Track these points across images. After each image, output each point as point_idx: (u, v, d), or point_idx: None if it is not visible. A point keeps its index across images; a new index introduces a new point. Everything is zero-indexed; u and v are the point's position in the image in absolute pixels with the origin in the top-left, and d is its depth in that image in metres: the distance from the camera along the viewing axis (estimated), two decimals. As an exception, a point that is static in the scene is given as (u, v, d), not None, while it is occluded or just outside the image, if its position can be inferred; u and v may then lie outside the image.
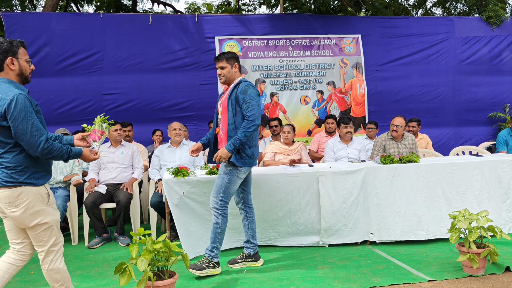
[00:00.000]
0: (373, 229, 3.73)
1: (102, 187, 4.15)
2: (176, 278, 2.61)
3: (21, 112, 2.13)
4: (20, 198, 2.20)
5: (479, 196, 3.96)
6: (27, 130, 2.14)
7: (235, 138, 3.01)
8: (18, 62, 2.28)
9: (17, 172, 2.20)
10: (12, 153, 2.20)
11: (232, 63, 3.20)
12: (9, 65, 2.25)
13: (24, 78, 2.32)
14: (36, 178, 2.25)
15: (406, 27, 6.81)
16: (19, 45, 2.29)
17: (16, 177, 2.19)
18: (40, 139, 2.17)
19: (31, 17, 6.00)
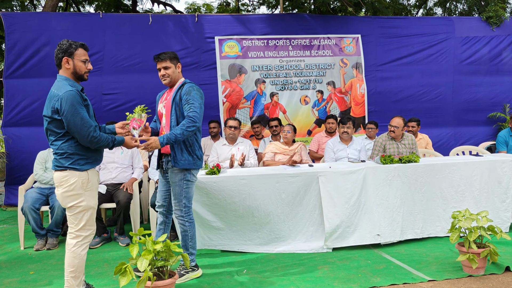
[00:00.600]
0: (379, 230, 3.70)
1: (102, 187, 4.15)
2: (176, 278, 2.61)
3: (71, 107, 2.44)
4: (64, 181, 2.54)
5: (477, 196, 3.97)
6: (78, 123, 2.46)
7: (171, 133, 2.83)
8: (73, 62, 2.61)
9: (63, 157, 2.53)
10: (60, 141, 2.53)
11: (175, 63, 3.08)
12: (65, 64, 2.59)
13: (78, 76, 2.67)
14: (80, 164, 2.55)
15: (406, 27, 6.81)
16: (77, 46, 2.61)
17: (62, 162, 2.53)
18: (88, 130, 2.49)
19: (31, 17, 5.99)
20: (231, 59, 6.27)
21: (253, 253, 3.58)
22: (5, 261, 3.65)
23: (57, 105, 2.45)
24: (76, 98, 2.47)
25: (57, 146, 2.54)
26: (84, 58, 2.64)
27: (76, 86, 2.58)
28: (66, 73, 2.60)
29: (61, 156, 2.53)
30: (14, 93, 5.79)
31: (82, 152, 2.56)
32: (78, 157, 2.55)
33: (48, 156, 4.39)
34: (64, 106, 2.43)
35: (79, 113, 2.46)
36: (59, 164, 2.54)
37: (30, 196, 4.02)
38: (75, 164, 2.54)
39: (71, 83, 2.55)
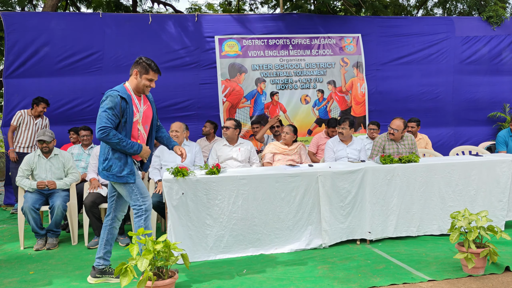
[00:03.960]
0: (370, 227, 3.77)
1: (104, 190, 4.14)
2: (176, 278, 2.61)
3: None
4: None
5: (474, 195, 4.01)
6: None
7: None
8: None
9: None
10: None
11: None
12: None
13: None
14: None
15: (406, 26, 6.82)
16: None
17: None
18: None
19: (30, 17, 6.00)
20: (231, 58, 6.27)
21: (253, 254, 3.58)
22: (5, 261, 3.65)
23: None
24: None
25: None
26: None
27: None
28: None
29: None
30: (13, 92, 5.79)
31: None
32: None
33: (36, 162, 4.13)
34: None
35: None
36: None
37: (30, 196, 4.02)
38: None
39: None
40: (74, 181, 4.22)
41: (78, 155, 4.84)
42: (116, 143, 2.81)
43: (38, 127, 5.49)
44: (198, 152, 4.44)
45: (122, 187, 2.93)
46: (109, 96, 2.87)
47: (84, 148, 4.90)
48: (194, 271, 3.19)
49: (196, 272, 3.17)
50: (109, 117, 2.81)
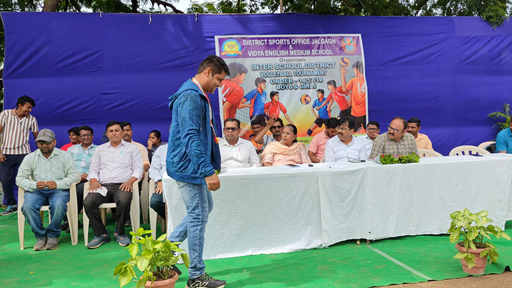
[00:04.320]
0: (370, 227, 3.77)
1: (104, 190, 4.14)
2: (176, 278, 2.61)
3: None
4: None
5: (474, 195, 4.01)
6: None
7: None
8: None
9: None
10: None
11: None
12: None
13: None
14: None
15: (406, 26, 6.82)
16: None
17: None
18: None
19: (30, 17, 6.00)
20: (231, 58, 6.27)
21: (253, 254, 3.58)
22: (5, 261, 3.65)
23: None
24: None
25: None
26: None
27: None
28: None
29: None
30: (13, 92, 5.79)
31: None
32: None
33: (36, 162, 4.12)
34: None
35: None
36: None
37: (30, 196, 4.01)
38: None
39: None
40: (74, 181, 4.22)
41: (78, 155, 4.84)
42: (195, 154, 2.67)
43: (23, 127, 5.44)
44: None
45: (187, 191, 2.82)
46: (189, 96, 2.73)
47: (84, 148, 4.90)
48: (194, 271, 3.18)
49: (196, 272, 3.17)
50: (194, 119, 2.70)
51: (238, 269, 3.24)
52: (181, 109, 2.72)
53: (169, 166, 2.86)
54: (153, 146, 5.56)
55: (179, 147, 2.79)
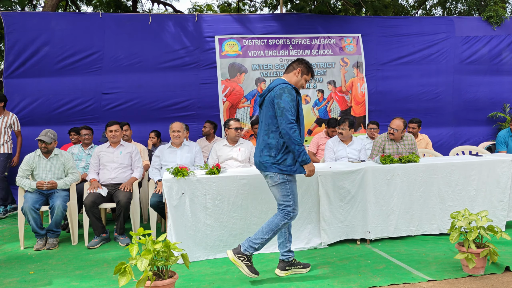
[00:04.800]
0: (369, 227, 3.77)
1: (104, 190, 4.14)
2: (176, 278, 2.61)
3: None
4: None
5: (474, 196, 4.01)
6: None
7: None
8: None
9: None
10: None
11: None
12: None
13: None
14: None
15: (406, 26, 6.82)
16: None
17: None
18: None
19: (30, 17, 6.00)
20: (231, 58, 6.27)
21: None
22: (5, 261, 3.65)
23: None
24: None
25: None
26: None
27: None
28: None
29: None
30: (14, 93, 5.79)
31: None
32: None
33: (36, 162, 4.11)
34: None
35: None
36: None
37: (30, 196, 4.01)
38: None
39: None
40: (74, 181, 4.22)
41: (78, 155, 4.84)
42: (297, 142, 2.80)
43: (0, 125, 5.31)
44: (198, 152, 4.44)
45: (280, 189, 2.91)
46: (286, 89, 2.86)
47: (84, 148, 4.90)
48: (194, 271, 3.19)
49: (196, 272, 3.17)
50: (292, 111, 2.82)
51: (238, 269, 3.23)
52: (279, 100, 2.83)
53: (264, 159, 2.92)
54: (153, 146, 5.56)
55: (275, 139, 2.87)
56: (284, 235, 3.11)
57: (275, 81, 3.00)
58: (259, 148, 2.99)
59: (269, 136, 2.91)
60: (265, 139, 2.94)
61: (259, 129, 3.04)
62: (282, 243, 3.12)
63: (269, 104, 2.91)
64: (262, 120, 3.01)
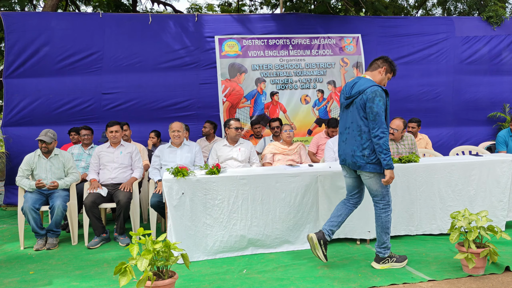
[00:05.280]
0: (369, 227, 3.77)
1: (104, 190, 4.14)
2: (176, 278, 2.61)
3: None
4: None
5: (474, 195, 4.01)
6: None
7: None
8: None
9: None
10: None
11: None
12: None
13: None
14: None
15: (406, 26, 6.81)
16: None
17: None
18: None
19: (30, 17, 6.00)
20: (231, 58, 6.27)
21: (253, 253, 3.59)
22: (5, 261, 3.65)
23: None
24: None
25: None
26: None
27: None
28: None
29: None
30: (13, 93, 5.79)
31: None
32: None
33: (36, 162, 4.12)
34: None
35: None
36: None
37: (30, 196, 4.01)
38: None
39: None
40: (74, 181, 4.22)
41: (78, 155, 4.84)
42: (385, 148, 2.91)
43: None
44: (198, 152, 4.44)
45: (377, 181, 3.04)
46: (377, 92, 2.95)
47: (84, 148, 4.90)
48: (194, 271, 3.19)
49: (196, 272, 3.17)
50: (385, 114, 2.95)
51: (238, 269, 3.24)
52: (372, 104, 2.93)
53: (357, 159, 3.03)
54: (153, 146, 5.56)
55: (368, 140, 2.99)
56: (341, 215, 3.22)
57: (362, 81, 3.06)
58: (350, 148, 3.08)
59: (361, 137, 3.01)
60: (357, 140, 3.04)
61: (348, 129, 3.12)
62: (332, 222, 3.21)
63: (361, 106, 3.00)
64: (351, 120, 3.08)
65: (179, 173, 3.48)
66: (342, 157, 3.20)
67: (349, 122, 3.11)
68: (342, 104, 3.21)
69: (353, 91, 3.06)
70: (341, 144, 3.22)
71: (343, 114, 3.21)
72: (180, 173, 3.48)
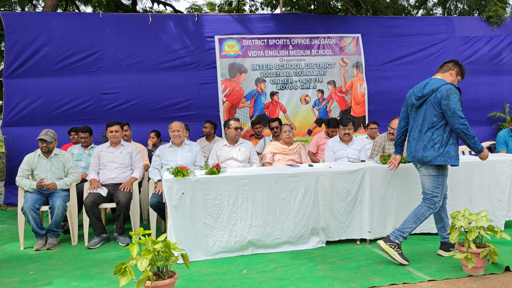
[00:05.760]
0: (370, 227, 3.78)
1: (104, 190, 4.14)
2: (176, 278, 2.61)
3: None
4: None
5: (473, 195, 4.03)
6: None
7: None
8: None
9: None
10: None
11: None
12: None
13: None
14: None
15: (406, 26, 6.81)
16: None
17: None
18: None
19: (30, 17, 6.00)
20: (231, 58, 6.27)
21: (253, 253, 3.59)
22: (5, 261, 3.65)
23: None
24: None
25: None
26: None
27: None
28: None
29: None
30: (13, 93, 5.79)
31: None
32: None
33: (36, 162, 4.12)
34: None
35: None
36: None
37: (30, 196, 4.01)
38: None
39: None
40: (74, 181, 4.22)
41: (78, 155, 4.84)
42: (472, 136, 3.19)
43: None
44: (199, 152, 4.44)
45: (433, 180, 3.21)
46: (451, 90, 3.12)
47: (85, 148, 4.89)
48: (194, 271, 3.19)
49: (196, 272, 3.17)
50: (461, 109, 3.12)
51: (238, 269, 3.24)
52: (448, 102, 3.10)
53: (428, 153, 3.17)
54: (153, 146, 5.56)
55: (440, 135, 3.17)
56: (442, 220, 3.41)
57: (434, 81, 3.23)
58: (421, 143, 3.23)
59: (433, 133, 3.18)
60: (428, 136, 3.20)
61: (420, 126, 3.26)
62: (441, 227, 3.41)
63: (435, 104, 3.16)
64: (423, 118, 3.23)
65: (179, 173, 3.48)
66: (412, 154, 3.33)
67: (421, 120, 3.26)
68: (414, 105, 3.34)
69: (426, 90, 3.21)
70: (411, 142, 3.35)
71: (414, 114, 3.36)
72: (180, 173, 3.48)
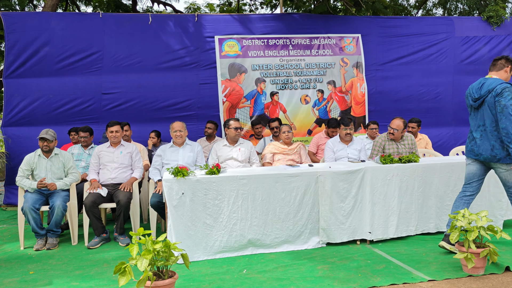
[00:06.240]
0: (370, 227, 3.77)
1: (104, 190, 4.14)
2: (176, 278, 2.61)
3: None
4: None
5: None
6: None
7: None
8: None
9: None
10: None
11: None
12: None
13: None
14: None
15: (406, 26, 6.81)
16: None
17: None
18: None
19: (30, 17, 5.99)
20: (231, 58, 6.27)
21: (253, 253, 3.59)
22: (5, 261, 3.65)
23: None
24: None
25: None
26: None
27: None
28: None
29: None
30: (13, 93, 5.79)
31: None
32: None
33: (36, 162, 4.12)
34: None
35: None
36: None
37: (30, 196, 4.01)
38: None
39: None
40: (74, 181, 4.22)
41: (78, 155, 4.84)
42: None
43: None
44: (200, 152, 4.45)
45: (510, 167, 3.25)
46: (507, 88, 3.13)
47: (85, 148, 4.89)
48: (194, 271, 3.19)
49: (196, 272, 3.17)
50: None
51: (238, 269, 3.24)
52: (500, 98, 3.12)
53: (497, 152, 3.22)
54: (153, 146, 5.56)
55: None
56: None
57: (490, 81, 3.25)
58: (488, 143, 3.26)
59: (498, 131, 3.20)
60: (494, 134, 3.23)
61: (482, 126, 3.30)
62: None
63: (492, 104, 3.20)
64: (485, 118, 3.27)
65: (179, 173, 3.48)
66: (476, 151, 3.36)
67: (482, 120, 3.30)
68: (472, 106, 3.39)
69: (482, 91, 3.25)
70: (475, 140, 3.37)
71: (474, 115, 3.39)
72: (180, 173, 3.48)
